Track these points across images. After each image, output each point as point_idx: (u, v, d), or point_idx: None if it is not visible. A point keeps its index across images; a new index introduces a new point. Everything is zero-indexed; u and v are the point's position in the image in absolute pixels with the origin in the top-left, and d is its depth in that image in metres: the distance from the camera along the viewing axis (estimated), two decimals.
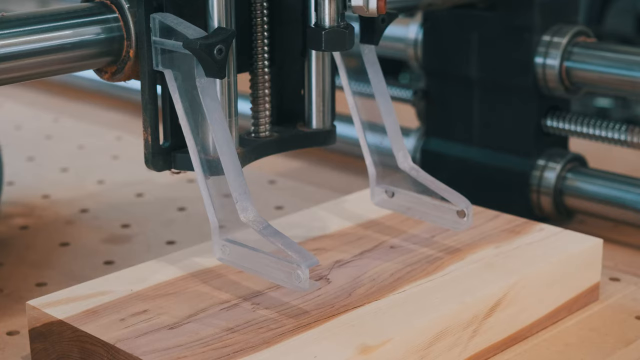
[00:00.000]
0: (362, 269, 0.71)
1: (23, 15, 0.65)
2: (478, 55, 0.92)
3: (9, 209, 0.98)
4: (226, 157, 0.65)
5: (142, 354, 0.60)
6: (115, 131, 1.24)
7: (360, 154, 0.78)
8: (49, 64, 0.66)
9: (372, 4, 0.65)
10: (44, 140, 1.22)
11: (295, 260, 0.63)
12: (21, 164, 1.12)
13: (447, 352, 0.65)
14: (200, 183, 0.67)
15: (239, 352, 0.61)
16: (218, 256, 0.68)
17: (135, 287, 0.69)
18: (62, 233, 0.93)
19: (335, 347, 0.61)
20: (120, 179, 1.07)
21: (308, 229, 0.77)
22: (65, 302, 0.67)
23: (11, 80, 0.64)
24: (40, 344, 0.67)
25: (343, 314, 0.65)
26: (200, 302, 0.67)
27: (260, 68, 0.72)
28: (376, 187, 0.77)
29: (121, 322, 0.64)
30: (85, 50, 0.66)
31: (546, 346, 0.70)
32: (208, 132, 0.67)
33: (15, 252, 0.89)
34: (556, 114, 0.91)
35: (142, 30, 0.66)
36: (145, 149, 0.68)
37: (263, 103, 0.73)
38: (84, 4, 0.68)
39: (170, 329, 0.64)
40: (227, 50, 0.64)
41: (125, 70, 0.67)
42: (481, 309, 0.67)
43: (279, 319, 0.65)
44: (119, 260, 0.87)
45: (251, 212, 0.65)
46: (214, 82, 0.67)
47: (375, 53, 0.75)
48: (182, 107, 0.66)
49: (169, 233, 0.92)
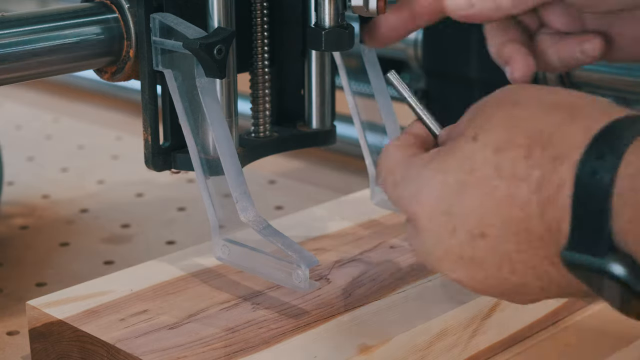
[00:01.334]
0: (362, 269, 0.71)
1: (23, 15, 0.65)
2: (478, 55, 0.92)
3: (9, 209, 0.98)
4: (226, 157, 0.65)
5: (142, 354, 0.60)
6: (115, 131, 1.24)
7: (360, 154, 0.78)
8: (49, 64, 0.65)
9: (372, 4, 0.65)
10: (44, 140, 1.22)
11: (295, 260, 0.63)
12: (21, 164, 1.12)
13: (447, 352, 0.65)
14: (200, 183, 0.67)
15: (239, 352, 0.61)
16: (218, 256, 0.68)
17: (135, 287, 0.69)
18: (62, 233, 0.93)
19: (335, 347, 0.61)
20: (120, 179, 1.07)
21: (308, 229, 0.77)
22: (65, 302, 0.67)
23: (11, 80, 0.64)
24: (40, 344, 0.67)
25: (343, 314, 0.65)
26: (200, 302, 0.67)
27: (260, 68, 0.72)
28: (376, 187, 0.77)
29: (121, 322, 0.64)
30: (85, 50, 0.66)
31: (546, 346, 0.70)
32: (208, 132, 0.67)
33: (15, 252, 0.89)
34: None
35: (142, 30, 0.66)
36: (145, 149, 0.68)
37: (263, 103, 0.73)
38: (84, 4, 0.67)
39: (170, 329, 0.64)
40: (227, 50, 0.64)
41: (125, 70, 0.67)
42: (481, 309, 0.67)
43: (279, 319, 0.65)
44: (119, 260, 0.87)
45: (251, 212, 0.65)
46: (214, 82, 0.67)
47: (375, 53, 0.75)
48: (182, 107, 0.66)
49: (169, 233, 0.92)
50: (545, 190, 0.51)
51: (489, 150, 0.53)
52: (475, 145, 0.53)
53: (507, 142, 0.52)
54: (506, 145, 0.52)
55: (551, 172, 0.50)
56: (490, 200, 0.53)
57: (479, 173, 0.53)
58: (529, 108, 0.53)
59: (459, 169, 0.53)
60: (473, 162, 0.53)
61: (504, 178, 0.52)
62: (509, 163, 0.52)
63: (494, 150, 0.52)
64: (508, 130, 0.53)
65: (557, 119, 0.52)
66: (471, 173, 0.53)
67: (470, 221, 0.53)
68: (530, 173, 0.51)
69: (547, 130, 0.51)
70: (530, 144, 0.51)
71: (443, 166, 0.54)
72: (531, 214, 0.51)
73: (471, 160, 0.53)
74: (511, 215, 0.52)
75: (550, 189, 0.50)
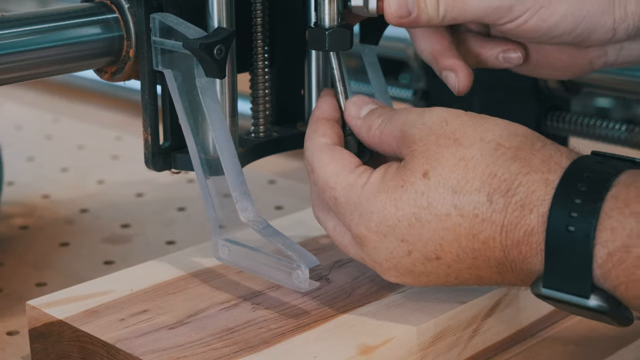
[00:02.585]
0: (362, 269, 0.71)
1: (23, 15, 0.65)
2: None
3: (9, 209, 0.98)
4: (226, 157, 0.65)
5: (142, 354, 0.60)
6: (115, 131, 1.24)
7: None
8: (49, 64, 0.65)
9: (372, 4, 0.65)
10: (44, 140, 1.22)
11: (295, 260, 0.63)
12: (21, 164, 1.12)
13: (447, 352, 0.65)
14: (200, 183, 0.67)
15: (239, 352, 0.61)
16: (218, 256, 0.68)
17: (135, 287, 0.69)
18: (62, 233, 0.93)
19: (335, 347, 0.61)
20: (120, 179, 1.07)
21: (308, 229, 0.77)
22: (65, 302, 0.67)
23: (11, 80, 0.64)
24: (40, 344, 0.67)
25: (343, 314, 0.65)
26: (200, 302, 0.67)
27: (260, 68, 0.72)
28: None
29: (121, 322, 0.64)
30: (85, 50, 0.66)
31: (546, 346, 0.70)
32: (208, 132, 0.67)
33: (15, 252, 0.89)
34: (556, 114, 0.91)
35: (142, 30, 0.66)
36: (145, 149, 0.68)
37: (263, 103, 0.73)
38: (84, 4, 0.67)
39: (170, 329, 0.64)
40: (227, 50, 0.64)
41: (125, 70, 0.67)
42: (481, 309, 0.67)
43: (279, 319, 0.65)
44: (119, 260, 0.87)
45: (251, 212, 0.65)
46: (214, 82, 0.67)
47: (375, 53, 0.75)
48: (182, 107, 0.66)
49: (169, 233, 0.92)
50: (511, 234, 0.56)
51: (446, 191, 0.57)
52: (429, 183, 0.58)
53: (463, 185, 0.57)
54: (463, 188, 0.57)
55: (518, 218, 0.56)
56: (450, 234, 0.57)
57: (438, 210, 0.57)
58: (474, 148, 0.58)
59: (414, 204, 0.58)
60: (430, 199, 0.58)
61: (465, 217, 0.57)
62: (470, 205, 0.57)
63: (452, 192, 0.57)
64: (460, 172, 0.57)
65: (510, 167, 0.56)
66: (428, 209, 0.58)
67: (428, 248, 0.58)
68: (495, 217, 0.56)
69: (502, 178, 0.56)
70: (489, 190, 0.56)
71: (394, 200, 0.59)
72: (494, 247, 0.57)
73: (427, 197, 0.58)
74: (472, 247, 0.57)
75: (517, 233, 0.56)
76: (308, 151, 0.65)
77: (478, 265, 0.58)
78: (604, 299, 0.54)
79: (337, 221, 0.63)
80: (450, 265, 0.59)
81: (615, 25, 0.64)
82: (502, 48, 0.69)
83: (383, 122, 0.63)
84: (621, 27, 0.64)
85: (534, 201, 0.55)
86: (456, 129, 0.59)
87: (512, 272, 0.57)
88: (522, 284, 0.58)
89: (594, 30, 0.64)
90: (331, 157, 0.63)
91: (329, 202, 0.62)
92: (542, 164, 0.57)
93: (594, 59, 0.68)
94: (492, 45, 0.70)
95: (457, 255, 0.58)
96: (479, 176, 0.57)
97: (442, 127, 0.59)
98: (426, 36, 0.69)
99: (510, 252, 0.56)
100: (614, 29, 0.64)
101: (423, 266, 0.59)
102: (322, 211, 0.64)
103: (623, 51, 0.68)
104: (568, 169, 0.56)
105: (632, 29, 0.64)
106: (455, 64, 0.68)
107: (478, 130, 0.59)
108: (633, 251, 0.52)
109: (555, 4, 0.63)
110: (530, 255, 0.56)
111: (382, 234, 0.59)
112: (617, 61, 0.68)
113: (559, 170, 0.56)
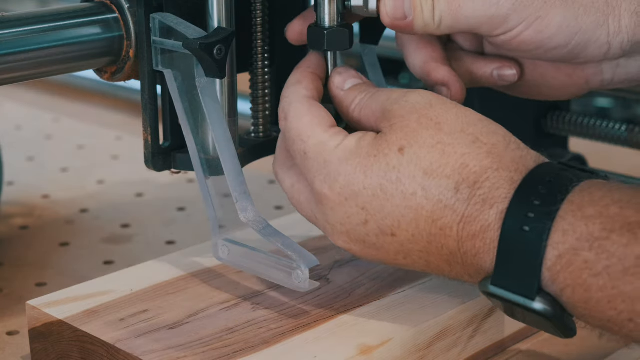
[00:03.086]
0: (362, 269, 0.71)
1: (23, 15, 0.65)
2: None
3: (9, 209, 0.98)
4: (226, 157, 0.65)
5: (142, 354, 0.61)
6: (115, 131, 1.24)
7: None
8: (49, 64, 0.65)
9: (372, 4, 0.65)
10: (44, 140, 1.22)
11: (295, 260, 0.63)
12: (21, 164, 1.12)
13: (447, 352, 0.65)
14: (200, 183, 0.67)
15: (239, 352, 0.61)
16: (218, 256, 0.68)
17: (135, 287, 0.69)
18: (62, 233, 0.93)
19: (335, 347, 0.61)
20: (120, 179, 1.07)
21: (308, 229, 0.77)
22: (65, 302, 0.67)
23: (11, 80, 0.64)
24: (40, 344, 0.67)
25: (343, 314, 0.65)
26: (200, 302, 0.67)
27: (260, 68, 0.72)
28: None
29: (121, 322, 0.64)
30: (85, 50, 0.66)
31: (546, 346, 0.70)
32: (208, 132, 0.67)
33: (15, 252, 0.89)
34: (556, 114, 0.91)
35: (142, 30, 0.66)
36: (145, 149, 0.68)
37: (263, 103, 0.73)
38: (84, 4, 0.67)
39: (170, 329, 0.64)
40: (227, 50, 0.64)
41: (125, 70, 0.67)
42: (481, 309, 0.67)
43: (279, 319, 0.65)
44: (119, 260, 0.87)
45: (251, 212, 0.65)
46: (214, 82, 0.67)
47: (375, 53, 0.75)
48: (182, 107, 0.66)
49: (169, 233, 0.92)
50: (469, 226, 0.57)
51: (417, 170, 0.58)
52: (402, 159, 0.58)
53: (435, 169, 0.58)
54: (434, 172, 0.58)
55: (479, 212, 0.56)
56: (412, 213, 0.58)
57: (405, 188, 0.58)
58: (453, 136, 0.58)
59: (383, 175, 0.59)
60: (400, 175, 0.58)
61: (430, 200, 0.58)
62: (437, 190, 0.57)
63: (423, 173, 0.58)
64: (435, 156, 0.58)
65: (483, 161, 0.57)
66: (396, 184, 0.58)
67: (385, 222, 0.59)
68: (457, 206, 0.57)
69: (472, 170, 0.57)
70: (458, 179, 0.57)
71: (365, 167, 0.59)
72: (450, 236, 0.57)
73: (398, 173, 0.58)
74: (429, 231, 0.58)
75: (475, 226, 0.56)
76: (285, 100, 0.64)
77: (430, 251, 0.59)
78: (549, 303, 0.54)
79: (297, 178, 0.63)
80: (403, 244, 0.59)
81: (610, 39, 0.64)
82: (496, 65, 0.69)
83: (364, 98, 0.63)
84: (616, 41, 0.64)
85: (496, 197, 0.56)
86: (440, 114, 0.60)
87: (462, 264, 0.58)
88: (469, 279, 0.59)
89: (589, 44, 0.64)
90: (309, 110, 0.62)
91: (296, 155, 0.62)
92: (512, 163, 0.57)
93: (590, 77, 0.68)
94: (486, 62, 0.69)
95: (413, 236, 0.58)
96: (452, 163, 0.57)
97: (426, 109, 0.60)
98: (421, 47, 0.68)
99: (464, 244, 0.57)
100: (609, 43, 0.64)
101: (376, 238, 0.60)
102: (284, 167, 0.64)
103: (619, 69, 0.68)
104: (532, 171, 0.57)
105: (626, 44, 0.64)
106: (448, 77, 0.67)
107: (460, 120, 0.59)
108: (581, 254, 0.53)
109: (551, 16, 0.63)
110: (482, 251, 0.56)
111: (344, 197, 0.59)
112: (613, 80, 0.68)
113: (525, 172, 0.57)
